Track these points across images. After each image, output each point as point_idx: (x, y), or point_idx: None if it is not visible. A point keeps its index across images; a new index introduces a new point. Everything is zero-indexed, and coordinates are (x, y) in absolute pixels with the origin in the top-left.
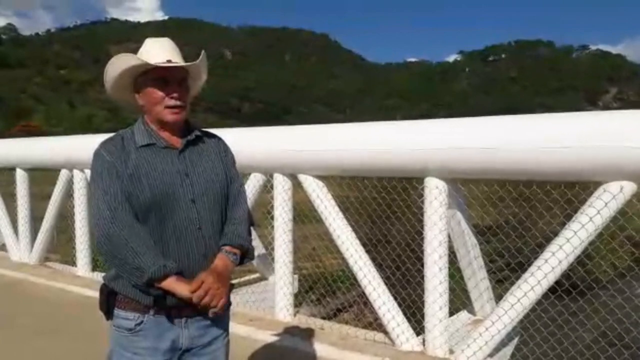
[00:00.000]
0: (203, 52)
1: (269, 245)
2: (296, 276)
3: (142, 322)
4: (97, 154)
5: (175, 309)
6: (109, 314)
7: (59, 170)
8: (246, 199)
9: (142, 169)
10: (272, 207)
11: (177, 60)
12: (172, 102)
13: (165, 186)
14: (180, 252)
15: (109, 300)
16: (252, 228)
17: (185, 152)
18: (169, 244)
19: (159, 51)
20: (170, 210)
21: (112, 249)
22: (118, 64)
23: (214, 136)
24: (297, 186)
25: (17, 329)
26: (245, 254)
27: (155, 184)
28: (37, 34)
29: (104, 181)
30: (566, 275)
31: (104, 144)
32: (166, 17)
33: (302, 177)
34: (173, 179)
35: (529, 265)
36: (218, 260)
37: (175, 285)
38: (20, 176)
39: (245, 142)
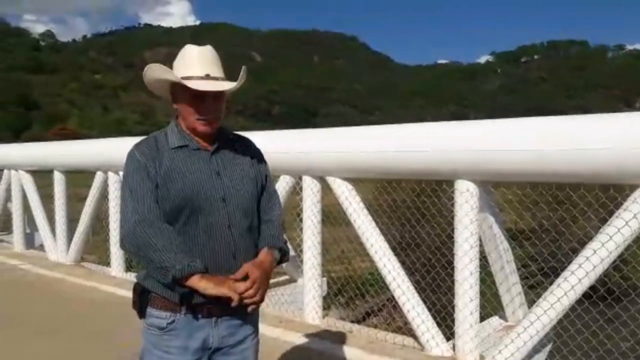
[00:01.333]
0: (244, 69)
1: (297, 247)
2: (325, 279)
3: (173, 321)
4: (130, 154)
5: (205, 308)
6: (141, 313)
7: (94, 173)
8: (280, 202)
9: (174, 170)
10: (301, 209)
11: (216, 72)
12: (206, 117)
13: (196, 185)
14: (210, 250)
15: (141, 299)
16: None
17: (217, 153)
18: (199, 242)
19: (196, 64)
20: (201, 209)
21: (137, 248)
22: (153, 74)
23: (246, 140)
24: (327, 189)
25: (51, 326)
26: (282, 257)
27: (187, 184)
28: (73, 40)
29: (133, 182)
30: (601, 280)
31: (137, 145)
32: (197, 22)
33: (331, 180)
34: (205, 178)
35: (563, 270)
36: (264, 256)
37: (200, 283)
38: (58, 178)
39: (274, 145)
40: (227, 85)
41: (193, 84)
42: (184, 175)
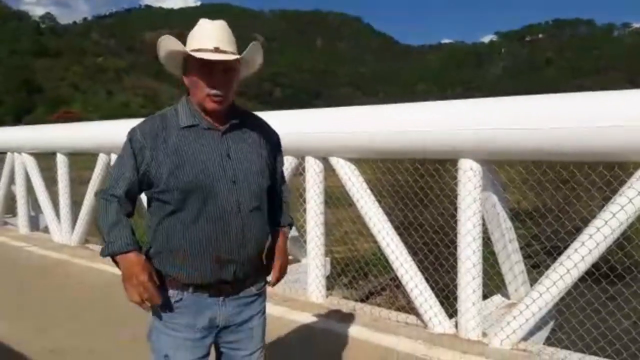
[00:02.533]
0: (253, 43)
1: (301, 228)
2: (328, 259)
3: (180, 299)
4: (132, 130)
5: (213, 288)
6: None
7: (97, 155)
8: (285, 180)
9: (184, 150)
10: (304, 189)
11: (227, 47)
12: (214, 92)
13: (206, 167)
14: (220, 232)
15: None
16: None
17: (228, 134)
18: (209, 224)
19: (207, 37)
20: (211, 191)
21: (97, 214)
22: (167, 44)
23: (258, 118)
24: (331, 170)
25: (58, 308)
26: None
27: (196, 165)
28: (74, 22)
29: (121, 158)
30: (604, 258)
31: (142, 123)
32: (199, 3)
33: (334, 160)
34: (215, 160)
35: (566, 248)
36: (281, 238)
37: (119, 265)
38: (61, 161)
39: (276, 125)
40: (233, 56)
41: (200, 54)
42: (194, 157)
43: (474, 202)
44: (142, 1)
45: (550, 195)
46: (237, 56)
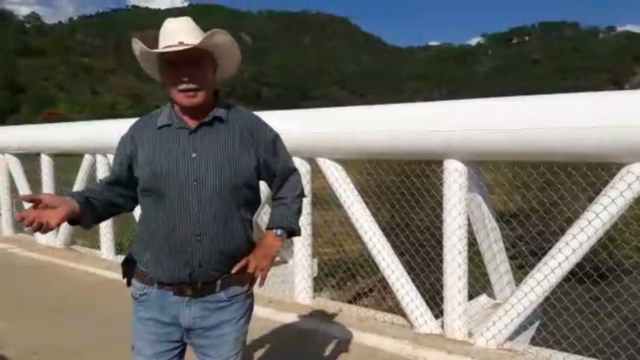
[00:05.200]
0: (212, 31)
1: None
2: (315, 260)
3: (146, 293)
4: (128, 129)
5: (175, 287)
6: (127, 282)
7: (82, 156)
8: (298, 178)
9: (152, 149)
10: None
11: (191, 40)
12: (184, 86)
13: (167, 165)
14: (172, 231)
15: (127, 269)
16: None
17: (197, 132)
18: (167, 223)
19: (171, 34)
20: (168, 190)
21: None
22: (134, 49)
23: (245, 115)
24: (319, 172)
25: (42, 309)
26: (290, 233)
27: (158, 164)
28: (59, 22)
29: (115, 153)
30: (588, 258)
31: (134, 123)
32: (186, 4)
33: (321, 161)
34: (177, 158)
35: (550, 248)
36: (262, 240)
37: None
38: (45, 161)
39: None
40: (189, 45)
41: (164, 49)
42: (158, 156)
43: (459, 203)
44: (129, 1)
45: (534, 195)
46: (194, 43)
